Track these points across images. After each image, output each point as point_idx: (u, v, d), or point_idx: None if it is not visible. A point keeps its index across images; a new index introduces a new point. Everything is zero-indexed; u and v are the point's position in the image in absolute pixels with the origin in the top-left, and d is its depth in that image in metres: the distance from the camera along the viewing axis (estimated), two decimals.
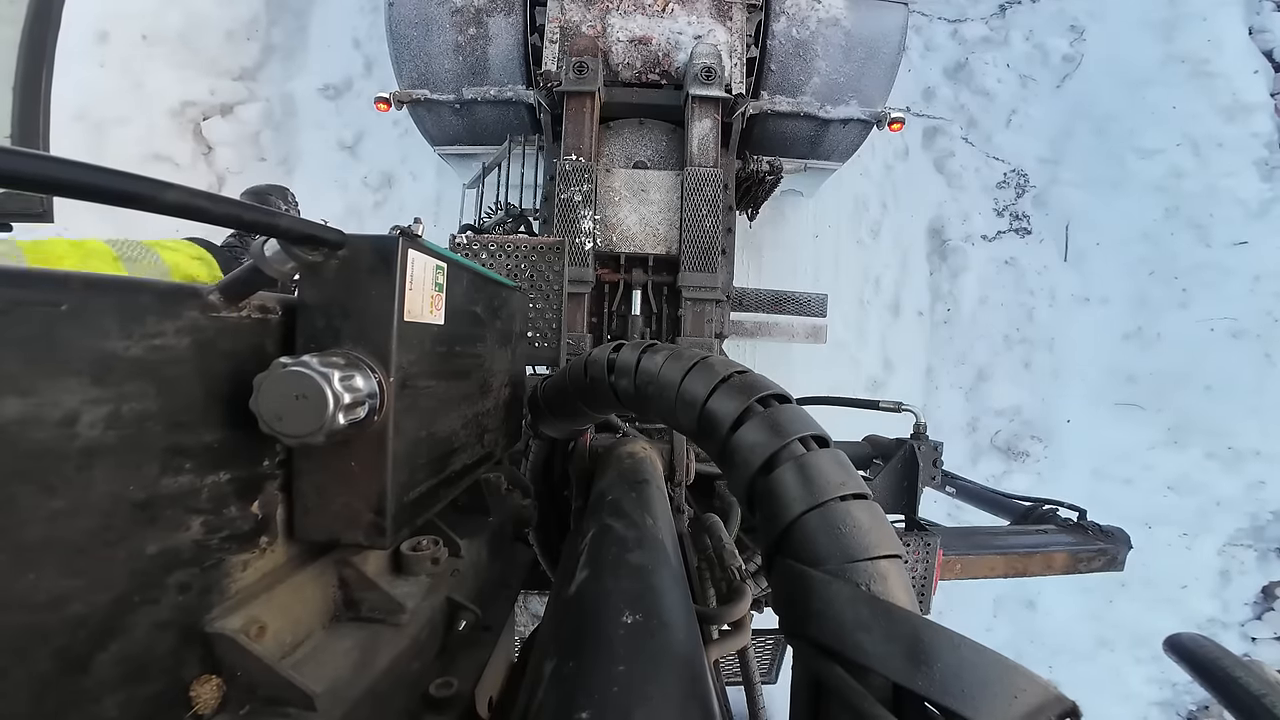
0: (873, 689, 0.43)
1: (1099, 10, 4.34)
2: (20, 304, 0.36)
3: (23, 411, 0.35)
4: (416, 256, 0.59)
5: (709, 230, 2.16)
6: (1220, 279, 4.02)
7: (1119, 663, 3.85)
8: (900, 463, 1.73)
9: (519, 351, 1.08)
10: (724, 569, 0.95)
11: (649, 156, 2.42)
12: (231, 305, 0.51)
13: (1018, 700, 0.39)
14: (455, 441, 0.76)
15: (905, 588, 0.49)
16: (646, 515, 0.80)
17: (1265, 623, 3.89)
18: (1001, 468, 4.05)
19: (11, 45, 1.29)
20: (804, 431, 0.60)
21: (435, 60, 2.39)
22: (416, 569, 0.70)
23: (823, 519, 0.52)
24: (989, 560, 1.78)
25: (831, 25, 2.39)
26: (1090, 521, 1.94)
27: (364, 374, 0.54)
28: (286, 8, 4.02)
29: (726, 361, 0.74)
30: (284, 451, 0.57)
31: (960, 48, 4.39)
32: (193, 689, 0.47)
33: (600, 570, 0.63)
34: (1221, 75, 4.14)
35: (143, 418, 0.42)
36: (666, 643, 0.52)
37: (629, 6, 2.41)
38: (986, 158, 4.33)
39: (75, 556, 0.38)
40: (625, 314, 2.22)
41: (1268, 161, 4.07)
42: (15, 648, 0.35)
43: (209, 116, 3.76)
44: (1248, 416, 3.89)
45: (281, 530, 0.57)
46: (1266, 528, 3.89)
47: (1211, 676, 0.66)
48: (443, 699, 0.62)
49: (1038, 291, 4.21)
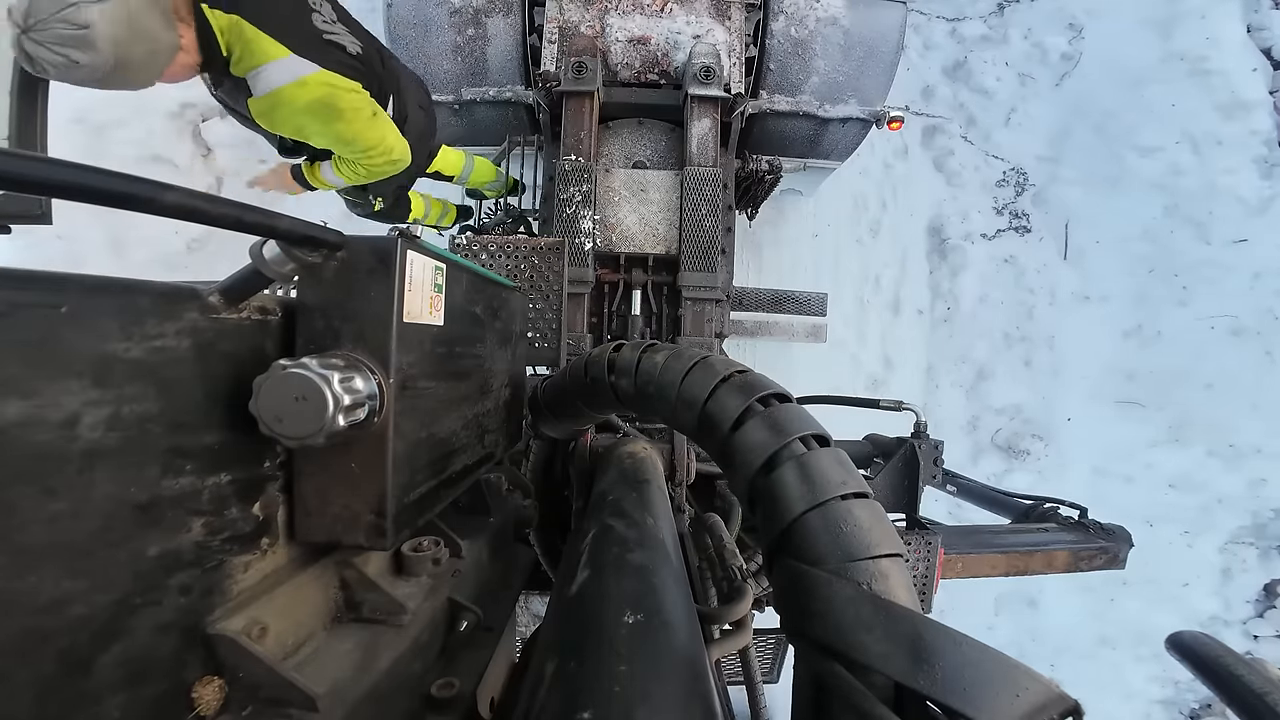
0: (875, 688, 0.43)
1: (1097, 8, 4.34)
2: (20, 306, 0.36)
3: (24, 413, 0.35)
4: (415, 257, 0.59)
5: (708, 230, 2.16)
6: (1220, 276, 4.02)
7: (1121, 661, 3.85)
8: (901, 461, 1.72)
9: (519, 352, 1.08)
10: (725, 568, 0.95)
11: (648, 156, 2.41)
12: (231, 307, 0.51)
13: (1020, 699, 0.39)
14: (456, 442, 0.75)
15: (906, 586, 0.49)
16: (647, 515, 0.80)
17: (1267, 620, 3.88)
18: (1002, 466, 4.05)
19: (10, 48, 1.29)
20: (804, 430, 0.60)
21: (434, 61, 2.39)
22: (418, 570, 0.70)
23: (824, 518, 0.52)
24: (990, 559, 1.78)
25: (830, 24, 2.39)
26: (1091, 520, 1.93)
27: (364, 375, 0.54)
28: None
29: (727, 361, 0.74)
30: (284, 453, 0.57)
31: (959, 46, 4.39)
32: (195, 690, 0.47)
33: (602, 570, 0.63)
34: (1220, 73, 4.14)
35: (143, 419, 0.42)
36: (668, 642, 0.52)
37: (628, 6, 2.41)
38: (986, 156, 4.33)
39: (77, 558, 0.38)
40: (625, 314, 2.22)
41: (1267, 159, 4.07)
42: (18, 649, 0.35)
43: (208, 118, 3.75)
44: (1249, 414, 3.89)
45: (283, 531, 0.57)
46: (1268, 525, 3.89)
47: (1214, 674, 0.66)
48: (444, 700, 0.62)
49: (1038, 290, 4.21)
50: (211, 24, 1.26)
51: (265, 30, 1.31)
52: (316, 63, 1.39)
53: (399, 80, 1.79)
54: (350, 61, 1.49)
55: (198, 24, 1.25)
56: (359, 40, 1.56)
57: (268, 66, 1.34)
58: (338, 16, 1.53)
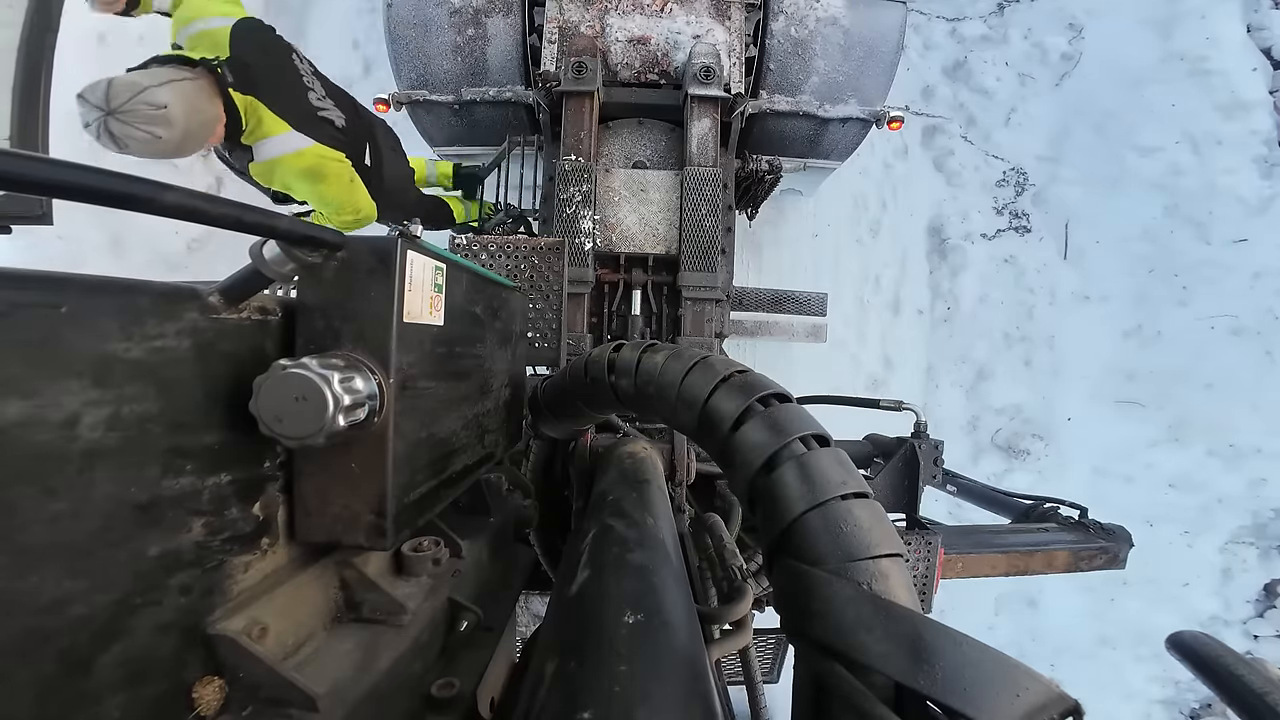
0: (875, 688, 0.42)
1: (1097, 8, 4.34)
2: (20, 306, 0.36)
3: (24, 414, 0.35)
4: (415, 258, 0.59)
5: (708, 230, 2.16)
6: (1220, 276, 4.02)
7: (1121, 661, 3.85)
8: (901, 461, 1.72)
9: (519, 352, 1.08)
10: (725, 568, 0.95)
11: (648, 156, 2.41)
12: (231, 307, 0.51)
13: (1020, 699, 0.39)
14: (456, 442, 0.75)
15: (906, 586, 0.49)
16: (647, 515, 0.80)
17: (1267, 620, 3.88)
18: (1002, 466, 4.05)
19: (11, 48, 1.29)
20: (804, 430, 0.60)
21: (434, 61, 2.39)
22: (418, 570, 0.70)
23: (824, 518, 0.52)
24: (990, 559, 1.78)
25: (830, 24, 2.39)
26: (1091, 519, 1.93)
27: (364, 375, 0.54)
28: (285, 9, 4.01)
29: (727, 361, 0.74)
30: (284, 453, 0.57)
31: (959, 46, 4.39)
32: (195, 690, 0.47)
33: (602, 570, 0.63)
34: (1220, 73, 4.14)
35: (143, 419, 0.42)
36: (668, 642, 0.52)
37: (627, 6, 2.41)
38: (986, 156, 4.33)
39: (77, 558, 0.38)
40: (625, 314, 2.22)
41: (1267, 159, 4.07)
42: (19, 649, 0.35)
43: None
44: (1249, 414, 3.89)
45: (283, 532, 0.57)
46: (1268, 525, 3.89)
47: (1214, 674, 0.66)
48: (444, 699, 0.62)
49: (1038, 289, 4.21)
50: (236, 103, 1.54)
51: (273, 109, 1.61)
52: (311, 137, 1.70)
53: (373, 129, 2.08)
54: (337, 135, 1.80)
55: (225, 102, 1.51)
56: (344, 112, 1.86)
57: (271, 139, 1.64)
58: (327, 92, 1.83)
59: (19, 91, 1.26)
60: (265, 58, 1.64)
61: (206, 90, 1.45)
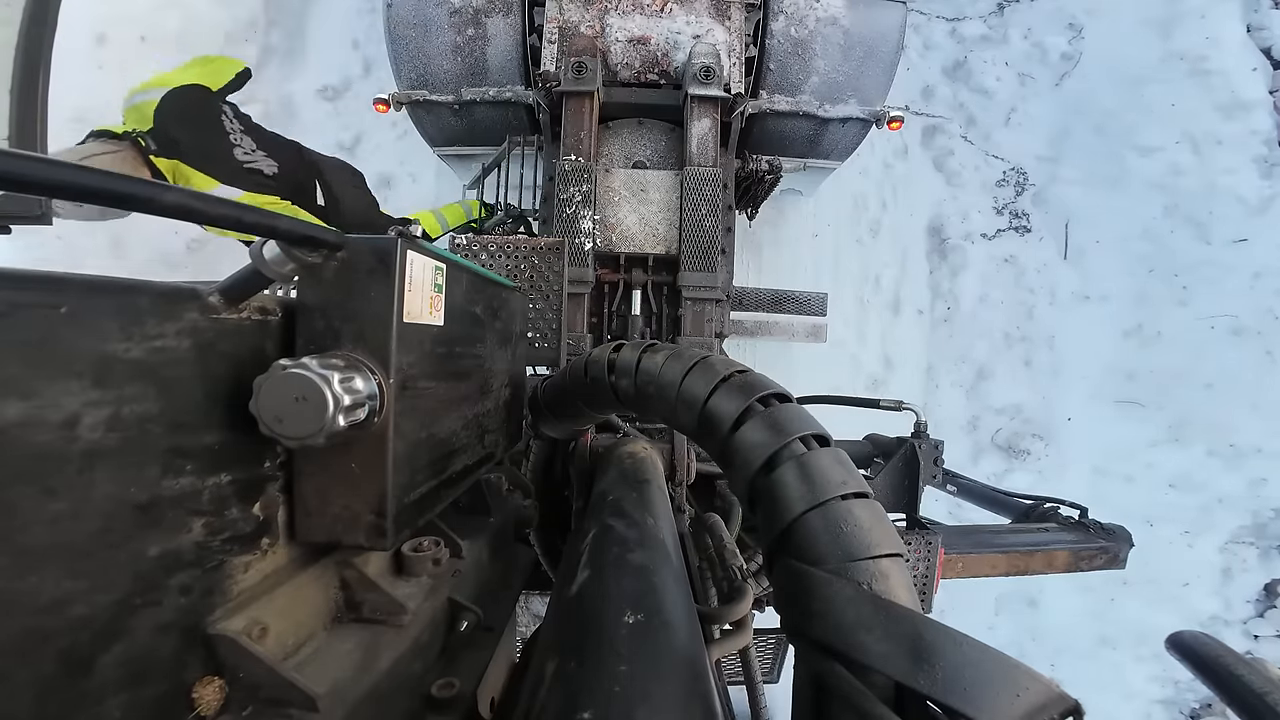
0: (875, 688, 0.43)
1: (1097, 8, 4.34)
2: (20, 306, 0.36)
3: (23, 414, 0.35)
4: (415, 258, 0.59)
5: (709, 230, 2.16)
6: (1220, 276, 4.02)
7: (1121, 661, 3.85)
8: (901, 461, 1.72)
9: (519, 352, 1.08)
10: (725, 568, 0.95)
11: (648, 156, 2.41)
12: (231, 307, 0.51)
13: (1020, 699, 0.39)
14: (456, 442, 0.75)
15: (907, 586, 0.49)
16: (648, 515, 0.80)
17: (1267, 620, 3.88)
18: (1002, 466, 4.05)
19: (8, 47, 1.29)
20: (804, 430, 0.60)
21: (434, 61, 2.39)
22: (418, 570, 0.70)
23: (824, 518, 0.52)
24: (990, 559, 1.78)
25: (830, 24, 2.39)
26: (1091, 519, 1.93)
27: (364, 376, 0.53)
28: (285, 9, 4.01)
29: (727, 361, 0.74)
30: (284, 453, 0.57)
31: (959, 46, 4.38)
32: (195, 690, 0.47)
33: (602, 570, 0.63)
34: (1220, 73, 4.13)
35: (143, 420, 0.42)
36: (668, 642, 0.52)
37: (627, 6, 2.40)
38: (986, 156, 4.32)
39: (77, 559, 0.38)
40: (625, 314, 2.22)
41: (1267, 159, 4.07)
42: (18, 649, 0.35)
43: None
44: (1249, 414, 3.89)
45: (283, 532, 0.57)
46: (1268, 525, 3.89)
47: (1214, 674, 0.66)
48: (445, 700, 0.62)
49: (1038, 289, 4.21)
50: (160, 168, 1.70)
51: (200, 169, 1.77)
52: (239, 188, 1.84)
53: (320, 170, 2.17)
54: (267, 182, 1.93)
55: (151, 169, 1.68)
56: (275, 161, 1.98)
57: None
58: (259, 144, 1.97)
59: (17, 91, 1.26)
60: (186, 124, 1.78)
61: (131, 160, 1.63)
